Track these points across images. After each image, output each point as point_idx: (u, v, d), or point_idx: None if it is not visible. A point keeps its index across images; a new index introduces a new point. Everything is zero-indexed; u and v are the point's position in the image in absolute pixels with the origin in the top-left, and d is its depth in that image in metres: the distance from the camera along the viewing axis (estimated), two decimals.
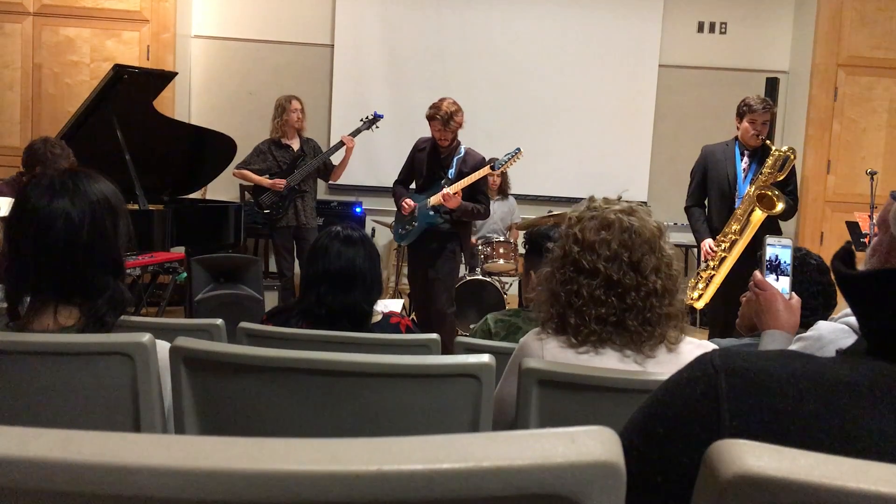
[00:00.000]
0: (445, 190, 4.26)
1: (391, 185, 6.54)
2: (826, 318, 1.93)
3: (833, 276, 0.88)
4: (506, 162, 4.40)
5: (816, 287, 2.15)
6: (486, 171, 4.31)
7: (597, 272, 1.46)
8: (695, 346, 1.55)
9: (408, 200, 4.43)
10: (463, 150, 4.41)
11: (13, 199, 1.60)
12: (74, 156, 4.08)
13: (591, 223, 1.50)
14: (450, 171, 4.37)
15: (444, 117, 4.23)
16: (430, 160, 4.45)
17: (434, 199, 4.35)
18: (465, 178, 4.28)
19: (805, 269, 2.16)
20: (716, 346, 1.62)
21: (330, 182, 5.56)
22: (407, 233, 4.50)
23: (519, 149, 4.43)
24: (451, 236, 4.43)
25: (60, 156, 3.91)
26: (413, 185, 4.62)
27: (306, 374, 1.37)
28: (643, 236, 1.47)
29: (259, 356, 1.38)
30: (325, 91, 6.63)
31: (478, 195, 4.40)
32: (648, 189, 6.67)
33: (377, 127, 5.33)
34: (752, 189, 4.03)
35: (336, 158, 5.34)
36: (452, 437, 0.54)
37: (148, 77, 5.00)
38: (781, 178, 4.03)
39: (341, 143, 5.21)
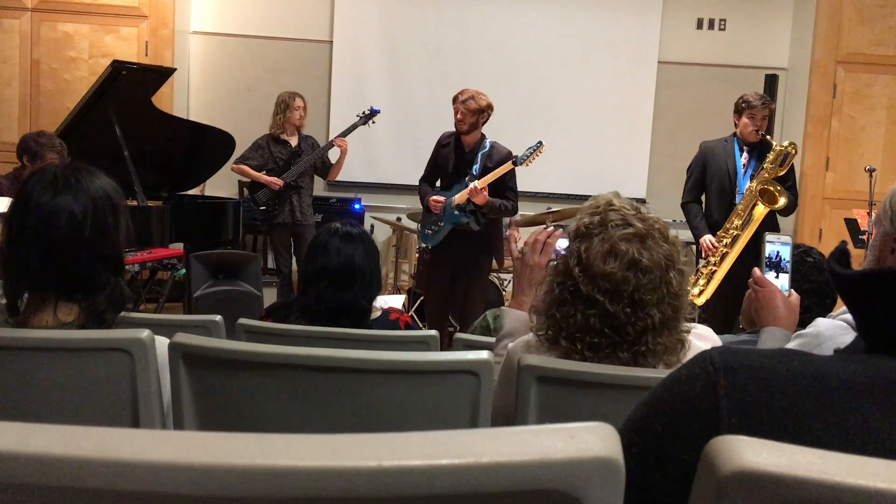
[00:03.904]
0: (472, 184, 4.09)
1: (390, 182, 6.61)
2: (823, 316, 1.93)
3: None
4: (528, 157, 4.21)
5: (810, 285, 2.15)
6: (508, 166, 4.15)
7: (595, 302, 1.39)
8: (697, 336, 1.51)
9: (436, 197, 4.27)
10: (488, 145, 4.26)
11: (12, 196, 1.60)
12: (73, 152, 4.10)
13: (598, 247, 1.40)
14: (474, 166, 4.22)
15: (464, 99, 4.14)
16: (455, 156, 4.30)
17: (459, 197, 4.19)
18: (490, 174, 4.13)
19: (801, 266, 2.15)
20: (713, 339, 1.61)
21: (328, 180, 5.56)
22: (433, 233, 4.34)
23: (540, 142, 4.21)
24: (479, 239, 4.27)
25: (46, 145, 3.99)
26: (438, 184, 4.49)
27: (305, 370, 1.37)
28: (650, 274, 1.38)
29: (258, 353, 1.38)
30: (323, 88, 6.62)
31: (506, 192, 4.23)
32: (647, 185, 6.67)
33: (374, 122, 5.32)
34: (754, 184, 4.04)
35: (333, 156, 5.34)
36: (452, 433, 0.55)
37: (146, 73, 4.99)
38: (782, 172, 4.05)
39: (331, 144, 5.20)
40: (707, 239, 4.16)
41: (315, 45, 6.63)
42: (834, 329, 1.76)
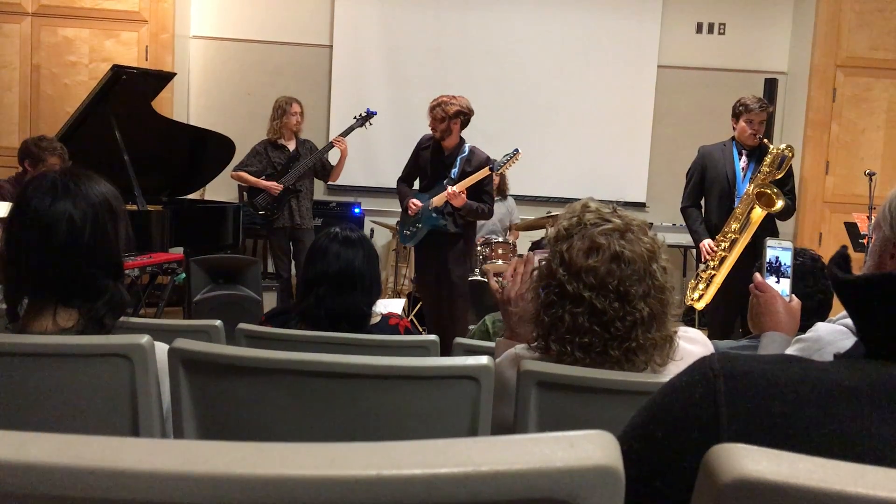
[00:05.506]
0: (450, 189, 4.18)
1: (390, 186, 6.59)
2: (820, 320, 1.93)
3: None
4: (504, 163, 4.35)
5: (807, 290, 2.13)
6: (485, 172, 4.24)
7: (581, 300, 1.39)
8: (686, 340, 1.51)
9: (414, 201, 4.36)
10: (467, 149, 4.34)
11: (12, 202, 1.60)
12: (73, 156, 4.11)
13: (579, 244, 1.41)
14: (453, 170, 4.30)
15: (432, 107, 4.24)
16: (434, 159, 4.39)
17: (437, 200, 4.27)
18: (467, 179, 4.22)
19: (795, 270, 2.14)
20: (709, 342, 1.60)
21: (329, 182, 5.56)
22: (412, 234, 4.44)
23: (517, 149, 4.39)
24: (457, 238, 4.38)
25: (47, 149, 4.00)
26: (417, 185, 4.57)
27: (305, 375, 1.37)
28: (633, 265, 1.38)
29: (258, 358, 1.38)
30: (323, 92, 6.63)
31: (482, 195, 4.34)
32: (647, 190, 6.67)
33: (370, 124, 5.33)
34: (751, 187, 4.04)
35: (333, 159, 5.34)
36: (451, 442, 0.54)
37: (146, 78, 5.00)
38: (780, 175, 4.05)
39: (331, 145, 5.21)
40: (707, 243, 4.15)
41: (315, 50, 6.63)
42: (834, 334, 1.75)
